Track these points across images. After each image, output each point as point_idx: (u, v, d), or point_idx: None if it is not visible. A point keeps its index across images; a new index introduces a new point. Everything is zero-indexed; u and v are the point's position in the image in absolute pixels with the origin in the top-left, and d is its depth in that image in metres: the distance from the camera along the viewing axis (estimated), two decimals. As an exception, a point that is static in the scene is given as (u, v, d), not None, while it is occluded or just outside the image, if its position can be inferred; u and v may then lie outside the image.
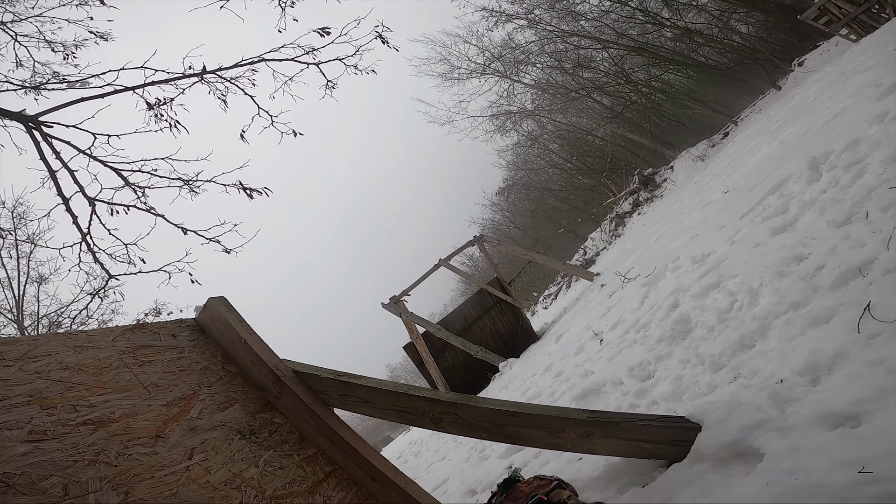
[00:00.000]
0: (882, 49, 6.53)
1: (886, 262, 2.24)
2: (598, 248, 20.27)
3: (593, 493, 2.39)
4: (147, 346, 2.16)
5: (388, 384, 2.32)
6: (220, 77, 5.30)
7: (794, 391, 2.01)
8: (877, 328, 1.96)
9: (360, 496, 2.43)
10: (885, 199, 2.72)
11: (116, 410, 1.84)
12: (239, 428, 2.19)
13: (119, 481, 1.65)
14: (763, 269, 3.11)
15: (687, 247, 5.41)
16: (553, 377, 5.65)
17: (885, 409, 1.60)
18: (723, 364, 2.66)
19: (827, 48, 15.13)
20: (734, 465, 1.82)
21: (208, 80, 5.28)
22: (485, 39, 27.34)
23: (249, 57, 5.18)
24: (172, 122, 5.23)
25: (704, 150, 16.62)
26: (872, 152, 3.33)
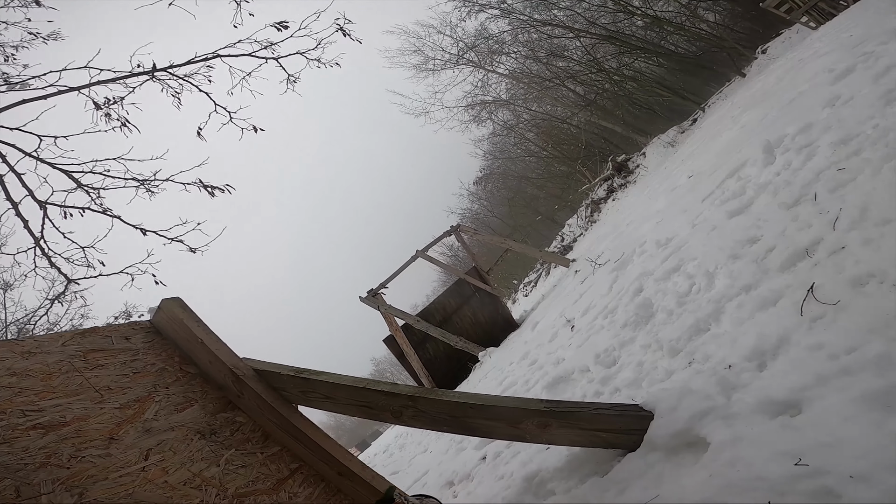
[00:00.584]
0: (838, 35, 6.68)
1: (832, 242, 2.29)
2: (576, 235, 20.46)
3: (558, 482, 2.42)
4: (99, 350, 2.13)
5: (347, 379, 2.31)
6: (172, 75, 5.17)
7: (741, 377, 2.03)
8: (819, 311, 1.99)
9: (327, 492, 2.44)
10: (832, 180, 2.79)
11: (67, 414, 1.83)
12: (198, 428, 2.18)
13: (72, 483, 1.66)
14: (719, 252, 3.17)
15: (653, 231, 5.49)
16: (528, 365, 5.70)
17: (824, 397, 1.60)
18: (680, 349, 2.69)
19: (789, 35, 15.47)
20: (684, 455, 1.83)
21: (160, 78, 5.15)
22: (458, 30, 27.24)
23: (203, 53, 5.05)
24: (123, 121, 5.08)
25: (674, 137, 16.85)
26: (823, 135, 3.42)
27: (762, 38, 19.51)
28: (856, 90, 3.77)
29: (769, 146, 3.95)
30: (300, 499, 2.32)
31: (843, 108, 3.64)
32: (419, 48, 28.70)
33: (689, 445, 1.85)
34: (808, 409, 1.63)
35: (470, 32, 27.19)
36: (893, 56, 3.77)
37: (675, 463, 1.82)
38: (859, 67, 4.27)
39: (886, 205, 2.20)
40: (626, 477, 1.95)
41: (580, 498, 2.13)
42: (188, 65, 5.14)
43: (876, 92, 3.37)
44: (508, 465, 3.14)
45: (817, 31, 9.76)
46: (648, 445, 1.98)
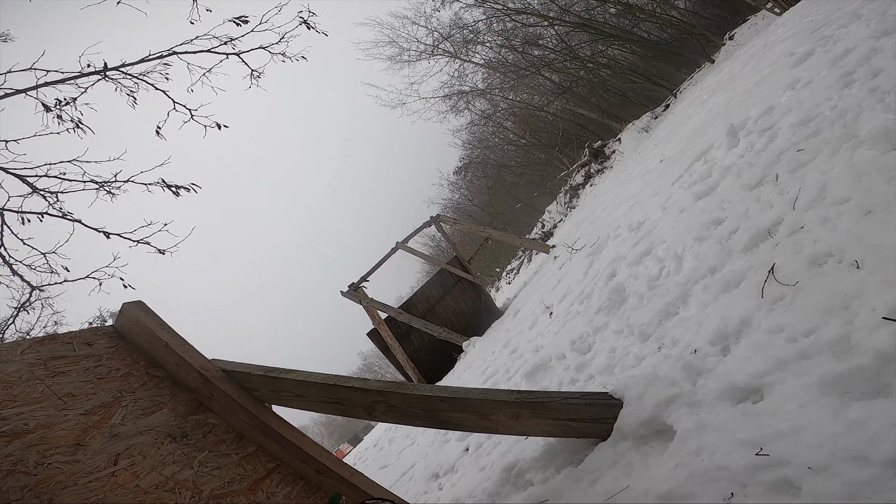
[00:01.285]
0: (800, 20, 6.82)
1: (791, 222, 2.32)
2: (556, 221, 20.60)
3: (535, 473, 2.43)
4: (60, 357, 2.10)
5: (317, 376, 2.30)
6: (126, 74, 5.02)
7: (706, 361, 2.03)
8: (779, 292, 2.00)
9: (307, 490, 2.43)
10: (793, 161, 2.85)
11: (30, 422, 1.82)
12: (168, 431, 2.17)
13: (41, 489, 1.66)
14: (686, 234, 3.22)
15: (627, 215, 5.54)
16: (509, 354, 5.75)
17: (784, 382, 1.60)
18: (650, 334, 2.71)
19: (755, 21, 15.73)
20: (653, 444, 1.83)
21: (112, 78, 4.99)
22: (433, 20, 26.95)
23: (158, 51, 4.90)
24: (76, 122, 4.93)
25: (648, 122, 17.01)
26: (784, 117, 3.49)
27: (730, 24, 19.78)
28: (815, 73, 3.84)
29: (733, 129, 4.02)
30: (278, 498, 2.31)
31: (802, 91, 3.72)
32: (393, 39, 28.39)
33: (657, 433, 1.86)
34: (768, 395, 1.63)
35: (444, 22, 26.97)
36: (851, 39, 3.84)
37: (644, 452, 1.83)
38: (818, 51, 4.37)
39: (844, 184, 2.24)
40: (597, 467, 1.96)
41: (556, 488, 2.13)
42: (142, 63, 4.99)
43: (834, 74, 3.44)
44: (490, 457, 3.16)
45: (781, 16, 9.94)
46: (618, 434, 1.98)
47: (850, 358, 1.50)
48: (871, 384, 1.40)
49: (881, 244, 1.73)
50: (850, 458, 1.24)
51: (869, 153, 2.31)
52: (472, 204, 40.78)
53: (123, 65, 4.95)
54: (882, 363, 1.40)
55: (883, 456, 1.20)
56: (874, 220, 1.87)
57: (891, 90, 2.69)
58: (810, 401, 1.47)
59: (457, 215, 37.51)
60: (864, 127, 2.54)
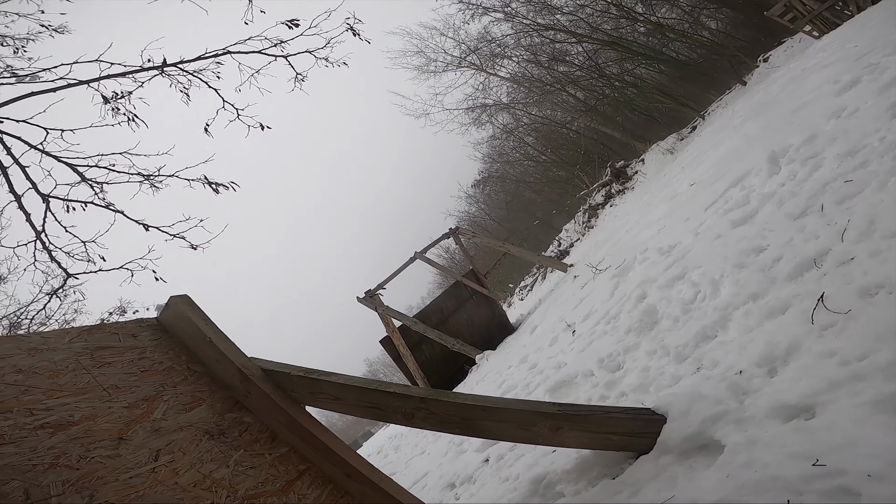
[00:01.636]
0: (843, 46, 6.71)
1: (840, 253, 2.31)
2: (573, 240, 20.52)
3: (566, 485, 2.42)
4: (106, 348, 2.11)
5: (358, 380, 2.31)
6: (182, 70, 5.14)
7: (752, 382, 2.05)
8: (830, 319, 2.01)
9: (335, 494, 2.42)
10: (839, 192, 2.81)
11: (75, 413, 1.81)
12: (207, 428, 2.16)
13: (82, 484, 1.63)
14: (724, 261, 3.19)
15: (654, 238, 5.51)
16: (528, 369, 5.70)
17: (837, 401, 1.63)
18: (686, 355, 2.71)
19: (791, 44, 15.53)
20: (697, 458, 1.85)
21: (169, 73, 5.11)
22: (461, 32, 27.27)
23: (213, 49, 5.06)
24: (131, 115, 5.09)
25: (673, 144, 16.91)
26: (829, 147, 3.45)
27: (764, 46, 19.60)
28: (861, 102, 3.79)
29: (774, 156, 3.98)
30: (309, 500, 2.30)
31: (848, 120, 3.67)
32: (421, 50, 28.73)
33: (701, 448, 1.87)
34: (821, 413, 1.66)
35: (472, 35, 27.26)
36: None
37: (688, 465, 1.84)
38: (864, 79, 4.30)
39: (894, 218, 2.23)
40: (638, 479, 1.97)
41: (591, 500, 2.13)
42: (198, 60, 5.13)
43: (882, 104, 3.39)
44: (513, 468, 3.13)
45: (820, 40, 9.75)
46: (661, 448, 2.00)
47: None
48: None
49: (933, 279, 1.74)
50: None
51: (919, 187, 2.30)
52: (489, 218, 40.85)
53: (181, 61, 5.10)
54: None
55: None
56: (927, 255, 1.87)
57: None
58: (864, 418, 1.51)
59: (473, 228, 37.55)
60: (915, 160, 2.51)
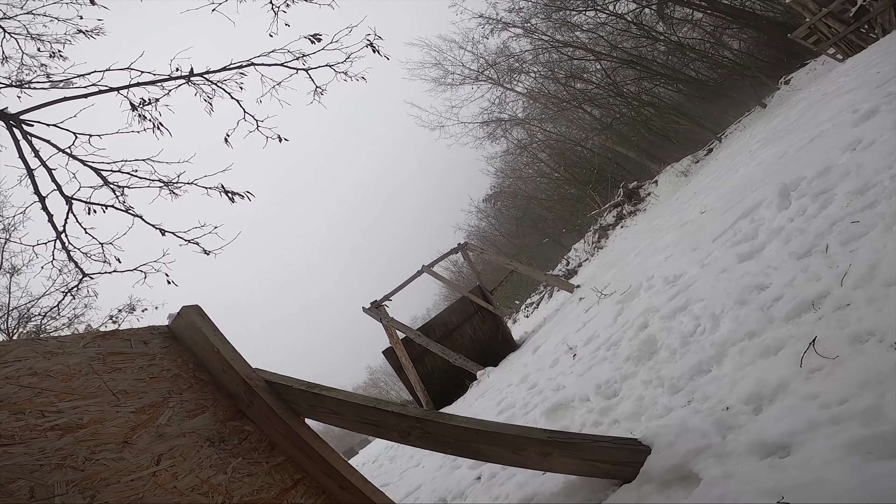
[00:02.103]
0: (865, 71, 6.65)
1: (838, 298, 2.34)
2: (581, 260, 20.51)
3: (554, 508, 2.47)
4: (118, 353, 2.19)
5: (357, 397, 2.37)
6: (208, 80, 5.29)
7: (737, 418, 2.10)
8: (818, 363, 2.05)
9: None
10: (845, 233, 2.82)
11: (84, 416, 1.88)
12: (208, 435, 2.23)
13: (85, 485, 1.70)
14: (726, 296, 3.21)
15: (661, 266, 5.52)
16: (527, 389, 5.72)
17: (813, 441, 1.69)
18: (680, 387, 2.74)
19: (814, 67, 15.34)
20: (676, 489, 1.90)
21: (195, 83, 5.26)
22: (480, 46, 27.55)
23: (238, 61, 5.20)
24: (156, 123, 5.24)
25: (688, 166, 16.89)
26: (841, 182, 3.42)
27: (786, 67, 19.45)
28: (878, 134, 3.72)
29: (785, 189, 3.96)
30: (301, 509, 2.36)
31: (863, 154, 3.61)
32: (440, 62, 29.05)
33: (681, 479, 1.93)
34: (796, 451, 1.72)
35: (491, 49, 27.53)
36: None
37: (667, 496, 1.90)
38: (883, 109, 4.23)
39: (895, 265, 2.25)
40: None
41: None
42: (223, 71, 5.26)
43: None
44: (504, 487, 3.17)
45: (844, 63, 9.60)
46: (644, 478, 2.05)
47: (878, 425, 1.59)
48: (892, 447, 1.51)
49: (924, 332, 1.78)
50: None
51: (921, 235, 2.32)
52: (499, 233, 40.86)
53: (207, 71, 5.25)
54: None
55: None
56: (920, 306, 1.90)
57: None
58: (835, 459, 1.56)
59: (482, 243, 37.59)
60: (921, 205, 2.51)
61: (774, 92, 17.54)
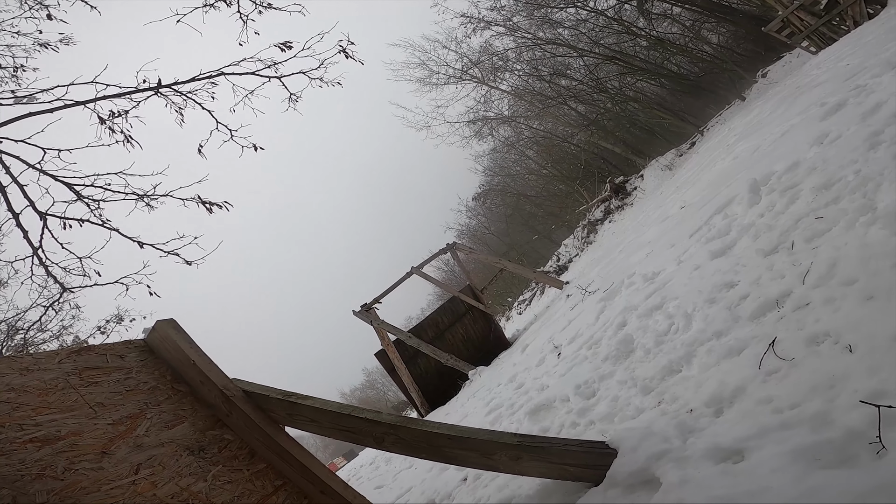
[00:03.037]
0: (836, 63, 6.75)
1: (799, 297, 2.39)
2: (571, 255, 20.61)
3: (530, 510, 2.51)
4: (94, 368, 2.22)
5: (333, 405, 2.41)
6: (177, 91, 5.27)
7: (699, 421, 2.14)
8: (776, 365, 2.10)
9: (310, 509, 2.52)
10: (810, 229, 2.87)
11: (62, 429, 1.92)
12: (187, 444, 2.27)
13: (66, 494, 1.74)
14: (698, 294, 3.28)
15: (642, 263, 5.59)
16: (515, 388, 5.77)
17: (763, 448, 1.72)
18: (652, 388, 2.79)
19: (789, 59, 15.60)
20: (640, 493, 1.94)
21: (164, 94, 5.23)
22: (463, 45, 27.52)
23: (208, 71, 5.18)
24: (126, 135, 5.22)
25: (672, 160, 17.04)
26: (808, 177, 3.47)
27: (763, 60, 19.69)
28: (844, 128, 3.79)
29: (756, 185, 4.02)
30: (284, 514, 2.40)
31: (829, 148, 3.67)
32: (424, 62, 28.98)
33: (644, 483, 1.97)
34: (748, 457, 1.76)
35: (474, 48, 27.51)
36: (883, 92, 3.82)
37: (631, 500, 1.94)
38: (850, 102, 4.31)
39: (853, 264, 2.29)
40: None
41: None
42: (192, 81, 5.24)
43: (862, 133, 3.38)
44: (486, 489, 3.22)
45: (817, 56, 9.73)
46: (610, 481, 2.09)
47: (825, 431, 1.62)
48: (838, 455, 1.53)
49: (875, 332, 1.83)
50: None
51: (881, 233, 2.35)
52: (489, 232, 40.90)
53: (175, 82, 5.20)
54: (852, 438, 1.54)
55: None
56: (874, 306, 1.95)
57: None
58: (780, 467, 1.59)
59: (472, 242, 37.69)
60: (882, 201, 2.56)
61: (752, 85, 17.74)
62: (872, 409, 1.54)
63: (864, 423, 1.55)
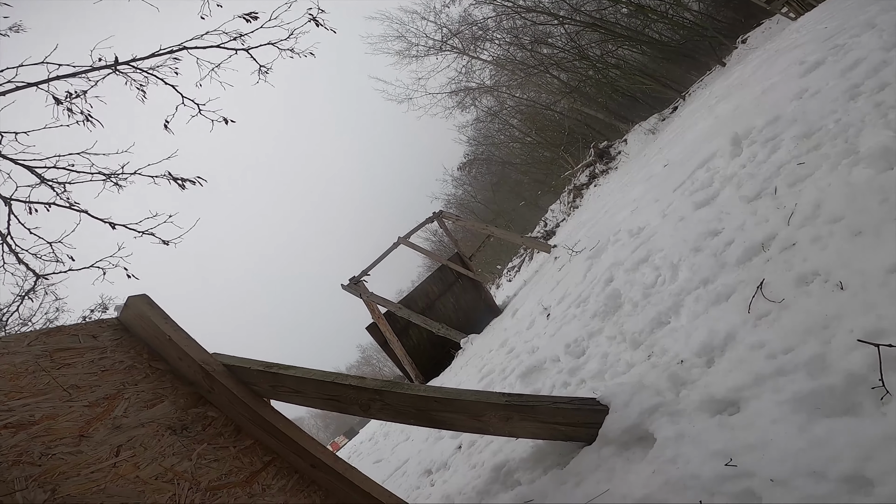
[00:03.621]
0: (815, 27, 6.75)
1: (784, 238, 2.36)
2: (558, 220, 20.64)
3: (523, 473, 2.49)
4: (65, 349, 2.15)
5: (315, 373, 2.36)
6: (136, 68, 5.05)
7: (691, 372, 2.08)
8: (766, 308, 2.05)
9: (301, 483, 2.48)
10: (792, 175, 2.86)
11: (36, 413, 1.86)
12: (169, 423, 2.21)
13: (45, 479, 1.70)
14: (683, 244, 3.25)
15: (627, 220, 5.57)
16: (506, 353, 5.78)
17: (759, 397, 1.66)
18: (641, 341, 2.76)
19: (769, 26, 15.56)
20: (635, 450, 1.89)
21: (123, 72, 5.01)
22: (442, 16, 26.95)
23: (168, 46, 4.97)
24: (87, 115, 5.02)
25: (655, 124, 16.97)
26: (788, 128, 3.47)
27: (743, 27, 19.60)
28: (823, 83, 3.81)
29: (737, 138, 4.02)
30: (273, 490, 2.36)
31: (809, 101, 3.69)
32: (402, 34, 28.37)
33: (639, 440, 1.92)
34: (744, 408, 1.69)
35: (454, 18, 26.96)
36: (862, 50, 3.81)
37: (626, 458, 1.89)
38: (829, 60, 4.31)
39: (838, 202, 2.26)
40: (581, 470, 2.02)
41: (541, 489, 2.19)
42: (152, 57, 5.02)
43: (841, 86, 3.40)
44: (482, 455, 3.22)
45: (797, 21, 9.82)
46: (603, 439, 2.04)
47: (824, 377, 1.54)
48: (840, 402, 1.46)
49: (866, 268, 1.77)
50: (809, 473, 1.30)
51: (866, 172, 2.32)
52: (475, 200, 40.84)
53: (134, 59, 4.99)
54: (853, 384, 1.46)
55: (839, 473, 1.25)
56: (863, 242, 1.91)
57: (894, 106, 2.68)
58: (781, 417, 1.53)
59: (459, 211, 37.59)
60: (865, 144, 2.55)
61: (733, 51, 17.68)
62: (871, 349, 1.46)
63: (864, 366, 1.47)
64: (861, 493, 1.20)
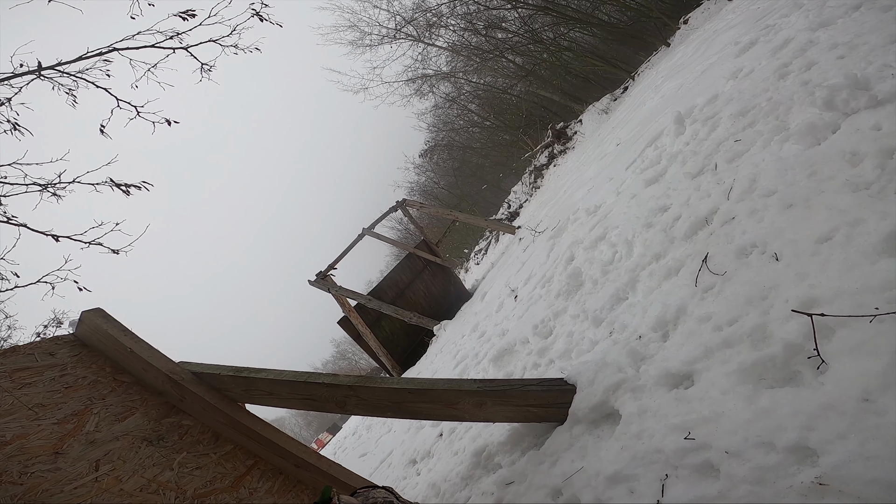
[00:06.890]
0: (748, 7, 7.00)
1: (725, 212, 2.49)
2: (521, 201, 20.86)
3: (503, 456, 2.58)
4: (23, 369, 2.11)
5: (287, 374, 2.37)
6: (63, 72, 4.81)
7: (648, 347, 2.16)
8: (710, 281, 2.15)
9: (288, 483, 2.51)
10: (730, 151, 3.01)
11: (6, 433, 1.85)
12: (144, 435, 2.21)
13: (29, 498, 1.71)
14: (636, 220, 3.37)
15: (585, 199, 5.71)
16: (478, 337, 5.89)
17: (710, 369, 1.74)
18: (602, 318, 2.86)
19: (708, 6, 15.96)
20: (604, 427, 1.97)
21: (48, 77, 4.78)
22: (395, 3, 26.49)
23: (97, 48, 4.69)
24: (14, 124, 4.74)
25: (608, 104, 17.24)
26: (726, 107, 3.64)
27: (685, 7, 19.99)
28: (756, 63, 3.99)
29: (680, 117, 4.17)
30: (261, 493, 2.38)
31: (744, 81, 3.87)
32: (354, 24, 27.80)
33: (607, 417, 2.00)
34: (697, 381, 1.77)
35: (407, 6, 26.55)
36: (790, 30, 3.99)
37: (596, 435, 1.97)
38: (761, 40, 4.52)
39: (771, 176, 2.40)
40: (556, 450, 2.10)
41: (521, 470, 2.27)
42: (80, 60, 4.76)
43: (772, 66, 3.58)
44: (462, 441, 3.31)
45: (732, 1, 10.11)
46: (573, 418, 2.11)
47: (765, 347, 1.62)
48: (781, 372, 1.53)
49: (798, 238, 1.89)
50: (758, 444, 1.37)
51: (795, 147, 2.47)
52: (439, 186, 40.73)
53: (59, 63, 4.75)
54: (791, 353, 1.53)
55: (785, 443, 1.32)
56: (794, 213, 2.03)
57: (820, 84, 2.81)
58: (730, 388, 1.60)
59: (423, 198, 37.50)
60: (794, 121, 2.70)
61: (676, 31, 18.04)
62: (807, 319, 1.51)
63: (801, 336, 1.53)
64: (808, 464, 1.26)
